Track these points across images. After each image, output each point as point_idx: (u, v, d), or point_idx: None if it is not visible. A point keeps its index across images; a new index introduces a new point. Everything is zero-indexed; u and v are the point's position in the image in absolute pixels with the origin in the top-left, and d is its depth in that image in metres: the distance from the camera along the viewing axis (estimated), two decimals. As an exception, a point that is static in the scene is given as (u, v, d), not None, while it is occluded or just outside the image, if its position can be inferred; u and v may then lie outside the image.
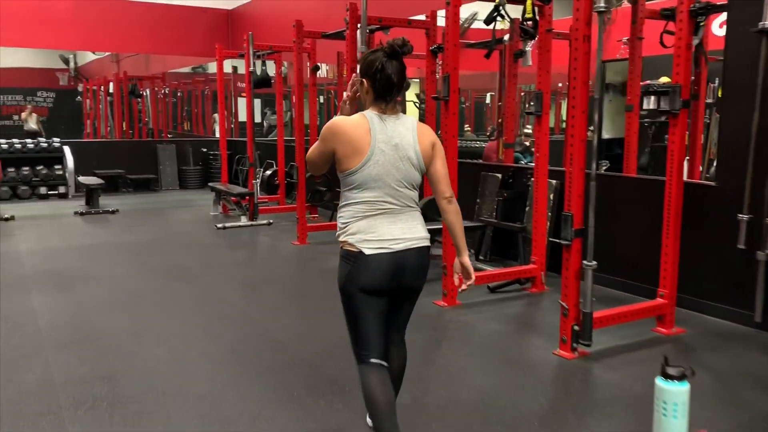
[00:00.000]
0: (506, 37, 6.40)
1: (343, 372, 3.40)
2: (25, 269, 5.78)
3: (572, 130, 3.63)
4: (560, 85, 11.56)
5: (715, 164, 4.92)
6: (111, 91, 16.97)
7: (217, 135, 11.69)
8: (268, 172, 9.62)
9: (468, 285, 2.51)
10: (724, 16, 4.56)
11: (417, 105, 15.20)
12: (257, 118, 14.41)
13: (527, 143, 8.96)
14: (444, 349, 4.05)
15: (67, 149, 10.91)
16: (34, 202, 10.23)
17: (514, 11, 4.90)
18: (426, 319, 4.48)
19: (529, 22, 4.74)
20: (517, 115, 7.32)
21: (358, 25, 5.71)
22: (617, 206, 5.11)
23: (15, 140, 10.95)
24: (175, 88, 17.51)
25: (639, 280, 4.90)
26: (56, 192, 10.76)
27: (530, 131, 10.70)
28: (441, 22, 6.32)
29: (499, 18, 4.76)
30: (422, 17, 6.33)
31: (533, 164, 5.21)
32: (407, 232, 2.37)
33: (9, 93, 23.31)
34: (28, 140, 11.03)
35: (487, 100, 15.46)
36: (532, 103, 5.01)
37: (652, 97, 4.16)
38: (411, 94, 14.26)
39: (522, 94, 11.32)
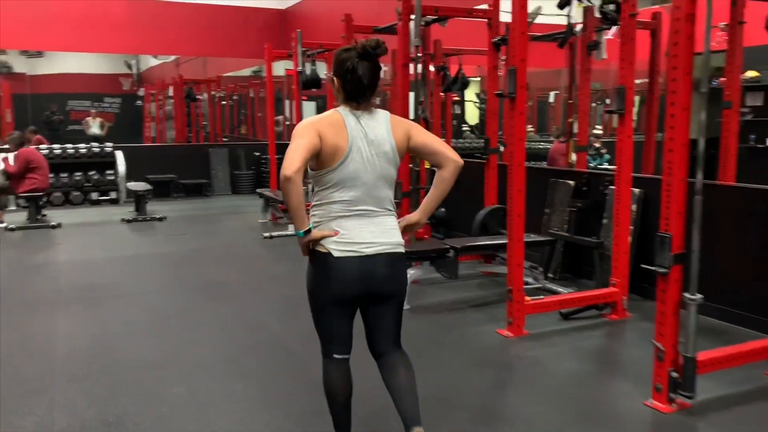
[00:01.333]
0: (578, 27, 5.70)
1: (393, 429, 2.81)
2: (58, 283, 5.45)
3: (672, 132, 2.93)
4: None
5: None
6: (170, 95, 16.99)
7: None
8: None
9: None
10: None
11: (477, 105, 14.52)
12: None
13: (597, 144, 8.19)
14: (509, 394, 3.42)
15: (119, 154, 10.75)
16: (86, 208, 10.08)
17: (592, -6, 4.21)
18: (487, 353, 3.86)
19: (611, 5, 4.05)
20: (590, 115, 6.57)
21: (412, 17, 5.13)
22: (715, 220, 4.34)
23: (69, 145, 10.87)
24: (232, 91, 17.36)
25: (744, 308, 4.13)
26: (108, 197, 10.61)
27: (599, 132, 9.92)
28: (505, 11, 5.74)
29: (575, 1, 4.08)
30: (484, 6, 5.69)
31: (604, 167, 4.50)
32: (379, 236, 2.28)
33: (78, 98, 23.76)
34: (81, 145, 10.92)
35: (551, 99, 14.64)
36: (604, 101, 4.31)
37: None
38: (471, 93, 13.58)
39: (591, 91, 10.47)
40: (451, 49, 8.16)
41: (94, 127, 18.38)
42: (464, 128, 13.73)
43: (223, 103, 17.05)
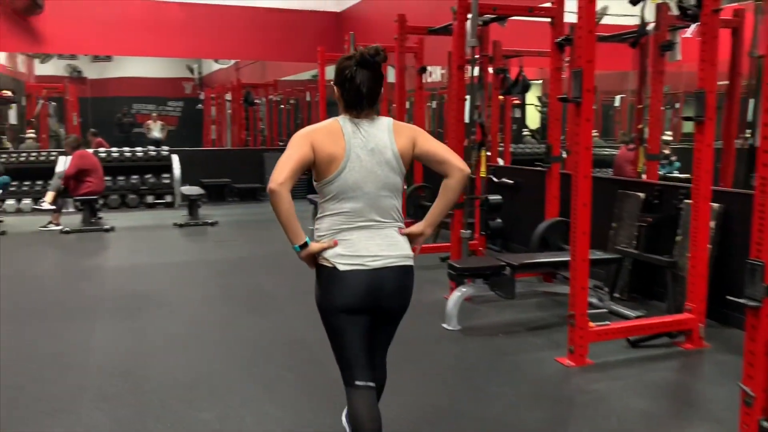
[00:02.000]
0: (650, 26, 5.25)
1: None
2: (102, 290, 5.37)
3: (767, 143, 2.51)
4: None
5: None
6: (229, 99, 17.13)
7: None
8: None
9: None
10: None
11: (539, 109, 14.01)
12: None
13: (666, 151, 7.64)
14: (569, 435, 3.05)
15: (175, 158, 10.80)
16: (141, 211, 10.15)
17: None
18: (546, 385, 3.49)
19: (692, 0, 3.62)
20: (662, 120, 6.07)
21: (469, 16, 4.80)
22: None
23: (126, 148, 10.99)
24: (289, 95, 17.35)
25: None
26: (163, 201, 10.67)
27: (668, 138, 9.30)
28: (570, 11, 5.34)
29: (650, -6, 3.68)
30: (547, 4, 5.30)
31: (673, 176, 4.05)
32: (386, 248, 2.21)
33: (143, 102, 24.31)
34: (138, 148, 11.03)
35: (616, 103, 13.98)
36: (674, 106, 3.86)
37: None
38: (532, 97, 13.10)
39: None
40: (511, 50, 7.78)
41: (155, 130, 18.73)
42: (525, 133, 13.25)
43: (282, 107, 17.07)
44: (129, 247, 7.27)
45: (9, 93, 14.21)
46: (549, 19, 5.21)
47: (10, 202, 9.87)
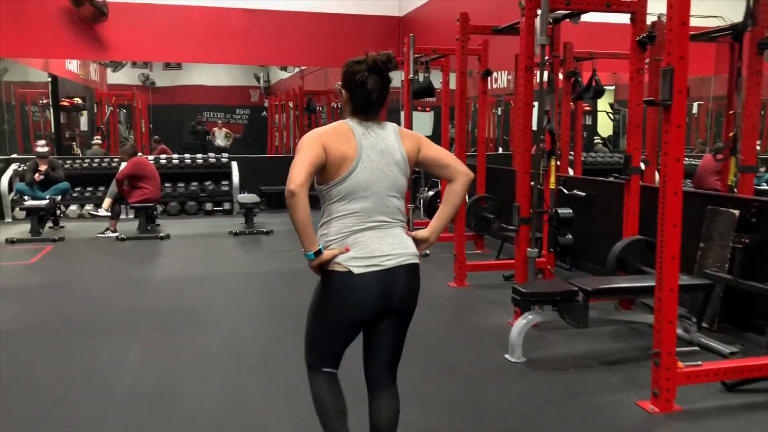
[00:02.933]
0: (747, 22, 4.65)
1: None
2: (146, 303, 5.15)
3: None
4: None
5: None
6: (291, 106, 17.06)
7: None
8: (431, 193, 8.46)
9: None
10: None
11: (611, 116, 13.27)
12: (428, 132, 13.38)
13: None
14: (657, 505, 2.54)
15: (234, 165, 10.70)
16: (199, 219, 10.03)
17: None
18: (625, 437, 2.97)
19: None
20: (758, 128, 5.39)
21: (538, 11, 4.34)
22: None
23: (186, 155, 10.96)
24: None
25: None
26: (221, 208, 10.56)
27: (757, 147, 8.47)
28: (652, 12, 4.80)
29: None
30: (626, -2, 4.76)
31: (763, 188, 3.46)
32: (398, 247, 2.21)
33: (212, 110, 24.64)
34: (198, 155, 10.97)
35: (694, 110, 13.08)
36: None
37: None
38: (603, 103, 12.40)
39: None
40: (583, 52, 7.23)
41: (219, 138, 18.89)
42: (596, 141, 12.56)
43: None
44: (181, 257, 7.10)
45: (79, 100, 14.57)
46: (629, 14, 4.67)
47: (73, 208, 9.96)
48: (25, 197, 8.49)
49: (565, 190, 6.20)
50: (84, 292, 5.50)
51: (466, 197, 6.86)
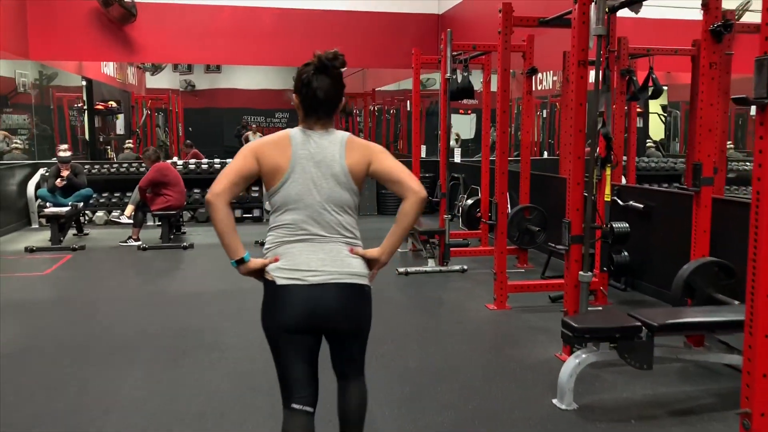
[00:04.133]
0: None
1: None
2: (154, 323, 4.72)
3: None
4: None
5: None
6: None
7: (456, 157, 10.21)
8: (470, 201, 7.87)
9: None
10: None
11: (663, 118, 12.45)
12: (469, 135, 12.78)
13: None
14: None
15: (263, 169, 10.29)
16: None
17: None
18: None
19: None
20: None
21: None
22: None
23: (216, 160, 10.62)
24: (389, 105, 16.66)
25: None
26: (250, 215, 10.17)
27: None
28: None
29: None
30: (696, -18, 4.12)
31: None
32: (329, 264, 2.11)
33: (253, 114, 24.41)
34: (229, 160, 10.59)
35: (753, 111, 12.15)
36: None
37: None
38: (655, 105, 11.60)
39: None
40: (639, 48, 6.55)
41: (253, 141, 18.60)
42: (648, 144, 11.76)
43: (385, 116, 16.42)
44: (201, 269, 6.68)
45: (114, 104, 14.42)
46: (700, 2, 4.03)
47: (99, 214, 9.69)
48: (47, 204, 8.21)
49: (619, 201, 5.55)
50: (90, 310, 5.10)
51: (508, 207, 6.29)
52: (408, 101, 15.23)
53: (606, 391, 3.49)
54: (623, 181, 6.54)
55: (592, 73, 4.02)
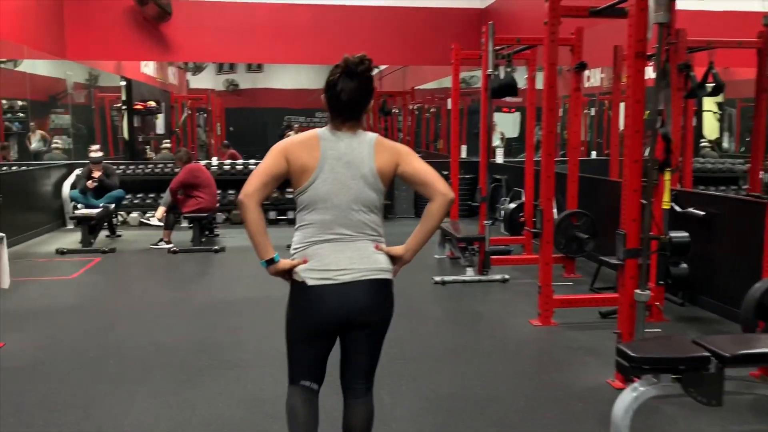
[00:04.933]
0: None
1: None
2: (172, 335, 4.46)
3: None
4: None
5: None
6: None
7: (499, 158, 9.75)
8: (513, 205, 7.43)
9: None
10: None
11: (717, 116, 11.75)
12: (513, 134, 12.29)
13: None
14: None
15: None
16: (261, 228, 9.39)
17: None
18: None
19: None
20: None
21: (653, -19, 3.31)
22: None
23: (252, 161, 10.41)
24: (430, 103, 16.26)
25: None
26: (285, 218, 9.92)
27: None
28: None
29: None
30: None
31: None
32: (358, 262, 2.17)
33: (293, 114, 24.29)
34: (252, 161, 10.38)
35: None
36: None
37: None
38: (709, 102, 10.94)
39: None
40: (699, 41, 6.01)
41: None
42: (702, 144, 11.09)
43: (425, 115, 16.03)
44: (230, 274, 6.43)
45: (153, 104, 14.41)
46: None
47: (134, 215, 9.59)
48: (78, 205, 8.10)
49: (677, 208, 5.06)
50: (109, 319, 4.87)
51: (555, 212, 5.84)
52: (449, 99, 14.83)
53: (666, 426, 3.07)
54: (679, 185, 6.03)
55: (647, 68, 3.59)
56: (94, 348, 4.22)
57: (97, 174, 8.03)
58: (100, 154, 8.12)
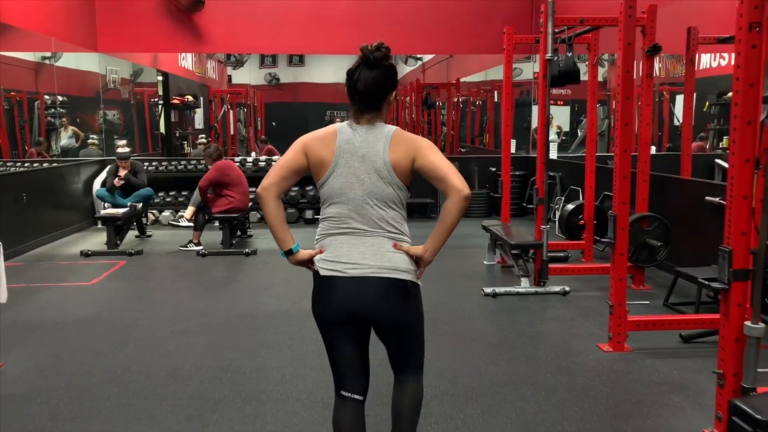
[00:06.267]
0: None
1: None
2: (188, 358, 3.94)
3: None
4: None
5: None
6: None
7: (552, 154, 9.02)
8: (570, 206, 6.70)
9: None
10: None
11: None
12: (566, 128, 11.48)
13: None
14: None
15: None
16: (298, 228, 8.87)
17: None
18: None
19: None
20: None
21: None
22: None
23: (275, 156, 9.89)
24: (475, 96, 15.52)
25: None
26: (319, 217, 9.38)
27: None
28: None
29: None
30: None
31: None
32: (370, 258, 2.12)
33: (334, 108, 23.75)
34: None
35: None
36: None
37: None
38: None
39: None
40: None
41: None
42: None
43: (470, 108, 15.33)
44: (259, 281, 5.91)
45: (190, 98, 14.07)
46: None
47: (166, 214, 9.19)
48: (106, 204, 7.71)
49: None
50: (123, 335, 4.38)
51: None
52: (496, 92, 14.04)
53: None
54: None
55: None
56: (100, 371, 3.73)
57: (123, 172, 7.62)
58: (127, 149, 7.70)
